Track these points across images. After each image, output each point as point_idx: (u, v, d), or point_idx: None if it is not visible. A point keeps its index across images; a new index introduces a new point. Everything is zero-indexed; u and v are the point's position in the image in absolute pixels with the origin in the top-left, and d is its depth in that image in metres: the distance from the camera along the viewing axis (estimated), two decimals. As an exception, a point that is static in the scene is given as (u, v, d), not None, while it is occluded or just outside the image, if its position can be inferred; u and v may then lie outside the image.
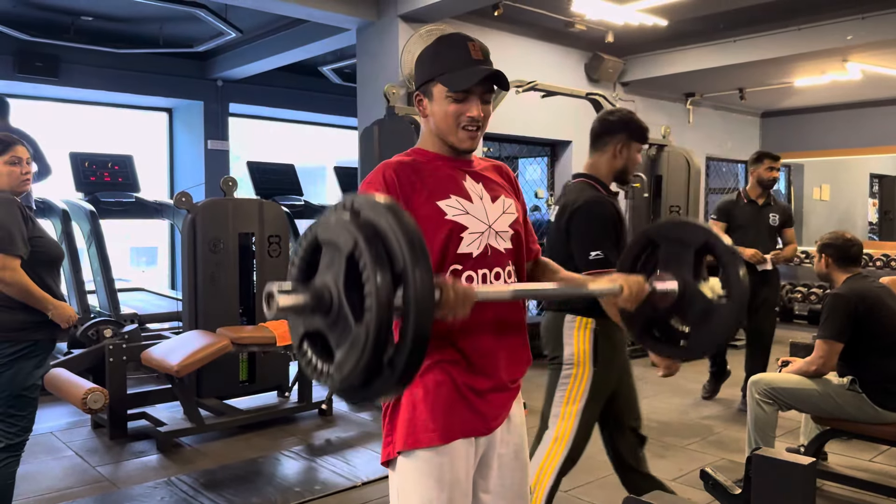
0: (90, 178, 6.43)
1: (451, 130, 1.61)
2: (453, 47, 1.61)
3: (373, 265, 1.15)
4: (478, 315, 1.53)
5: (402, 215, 1.21)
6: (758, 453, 1.43)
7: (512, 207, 1.69)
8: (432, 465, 1.55)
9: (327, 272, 1.23)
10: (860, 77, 6.81)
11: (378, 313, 1.14)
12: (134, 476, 3.71)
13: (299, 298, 1.21)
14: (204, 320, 4.53)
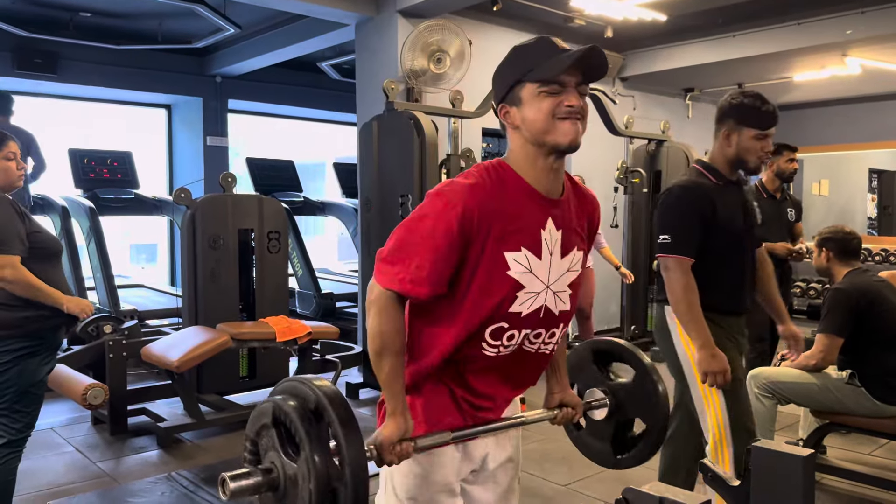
0: (89, 175, 6.43)
1: (549, 126, 1.41)
2: (536, 44, 1.45)
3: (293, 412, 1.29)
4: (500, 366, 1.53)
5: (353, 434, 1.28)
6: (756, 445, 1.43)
7: (578, 263, 1.55)
8: (422, 464, 1.55)
9: (279, 455, 1.34)
10: (860, 72, 6.81)
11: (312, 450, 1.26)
12: (134, 471, 3.71)
13: (250, 481, 1.33)
14: (204, 316, 4.54)
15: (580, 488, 3.43)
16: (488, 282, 1.43)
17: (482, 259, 1.42)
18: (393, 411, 1.44)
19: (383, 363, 1.45)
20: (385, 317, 1.44)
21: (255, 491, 1.34)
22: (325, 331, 4.66)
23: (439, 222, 1.39)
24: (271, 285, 4.90)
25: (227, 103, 8.49)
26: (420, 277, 1.40)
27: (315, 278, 7.29)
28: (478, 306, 1.44)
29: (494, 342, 1.49)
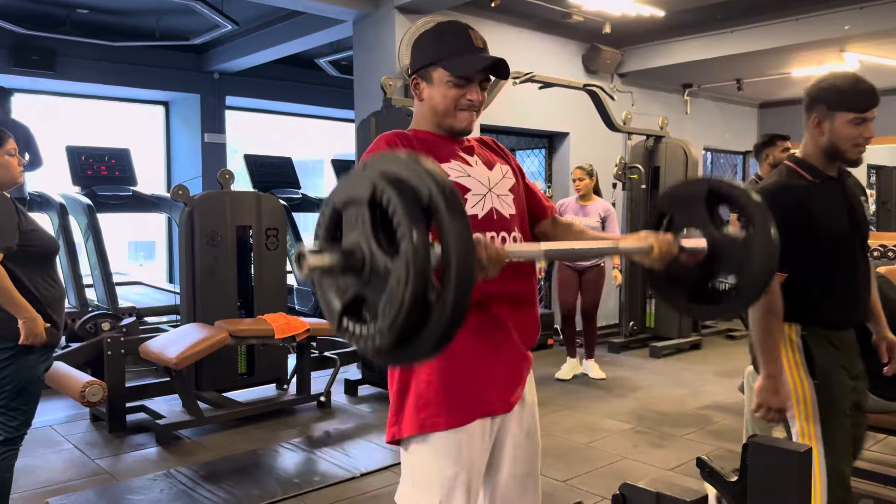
0: (87, 172, 6.42)
1: (450, 113, 1.64)
2: (454, 34, 1.64)
3: (397, 198, 1.10)
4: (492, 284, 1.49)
5: (421, 160, 1.15)
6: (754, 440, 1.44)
7: (509, 173, 1.72)
8: (450, 444, 1.56)
9: (351, 232, 1.18)
10: (858, 67, 6.80)
11: (411, 242, 1.09)
12: (133, 469, 3.71)
13: (332, 258, 1.17)
14: (202, 313, 4.54)
15: (578, 484, 3.43)
16: None
17: None
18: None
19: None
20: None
21: (333, 269, 1.18)
22: (323, 327, 4.66)
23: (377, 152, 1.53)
24: (270, 282, 4.89)
25: (225, 100, 8.47)
26: None
27: (314, 275, 7.28)
28: None
29: None
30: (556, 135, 7.16)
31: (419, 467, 1.58)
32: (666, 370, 5.85)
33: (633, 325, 6.81)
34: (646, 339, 6.74)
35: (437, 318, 1.11)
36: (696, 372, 5.81)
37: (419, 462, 1.58)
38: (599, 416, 4.58)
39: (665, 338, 6.64)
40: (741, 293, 1.58)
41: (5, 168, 2.72)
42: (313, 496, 3.34)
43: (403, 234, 1.10)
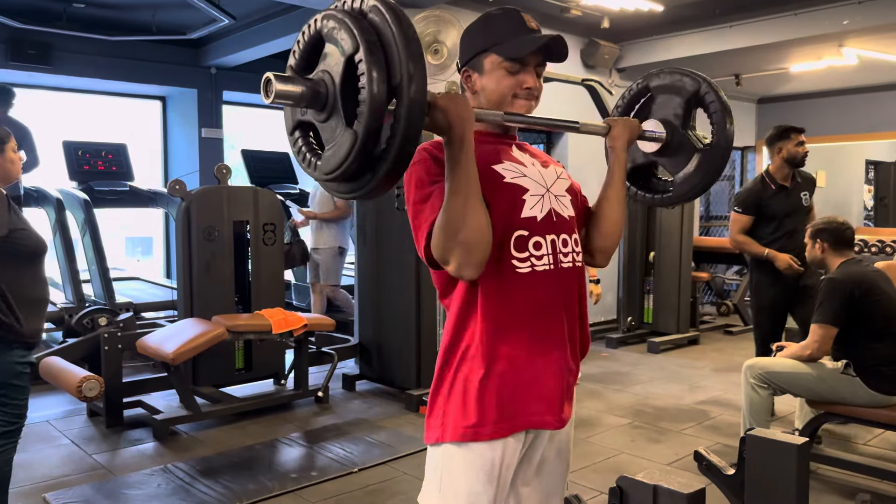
0: (84, 167, 6.39)
1: (507, 102, 1.53)
2: (505, 17, 1.55)
3: (370, 72, 1.16)
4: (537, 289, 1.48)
5: (406, 24, 1.20)
6: (751, 434, 1.43)
7: (564, 174, 1.64)
8: (485, 459, 1.47)
9: (327, 69, 1.23)
10: (856, 62, 6.80)
11: (368, 122, 1.17)
12: (130, 464, 3.71)
13: (296, 87, 1.22)
14: (199, 308, 4.53)
15: (576, 479, 3.43)
16: (492, 195, 1.44)
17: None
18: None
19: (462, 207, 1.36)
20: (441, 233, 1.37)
21: (298, 99, 1.25)
22: (321, 323, 4.65)
23: (419, 176, 1.44)
24: (267, 277, 4.88)
25: (222, 95, 8.45)
26: (436, 212, 1.39)
27: (311, 270, 7.27)
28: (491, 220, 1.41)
29: (521, 254, 1.46)
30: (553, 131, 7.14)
31: (449, 474, 1.49)
32: (664, 365, 5.86)
33: (630, 320, 6.81)
34: (643, 335, 6.74)
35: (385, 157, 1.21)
36: (693, 367, 5.81)
37: (450, 469, 1.49)
38: (597, 412, 4.58)
39: (663, 333, 6.64)
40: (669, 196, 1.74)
41: (10, 164, 2.71)
42: (311, 491, 3.34)
43: (364, 98, 1.17)
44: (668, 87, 1.75)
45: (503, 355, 1.46)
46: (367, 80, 1.16)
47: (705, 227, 9.38)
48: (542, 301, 1.48)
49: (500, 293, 1.45)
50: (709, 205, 9.66)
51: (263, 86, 1.20)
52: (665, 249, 6.72)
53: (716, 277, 8.73)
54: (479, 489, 1.47)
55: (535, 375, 1.48)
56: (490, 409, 1.45)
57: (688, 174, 1.69)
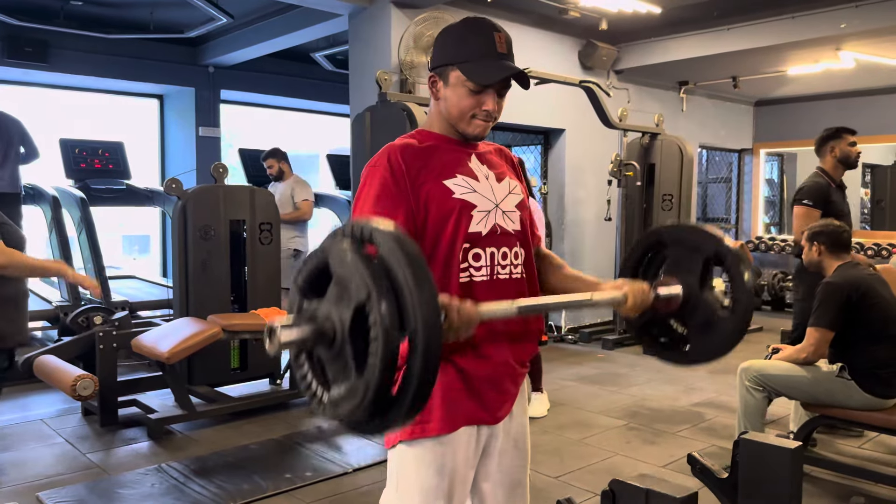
0: (80, 165, 6.38)
1: (464, 119, 1.58)
2: (478, 35, 1.57)
3: (382, 326, 1.10)
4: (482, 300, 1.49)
5: (419, 264, 1.14)
6: (745, 437, 1.43)
7: (518, 189, 1.68)
8: (434, 453, 1.54)
9: (334, 306, 1.18)
10: (853, 66, 6.81)
11: (380, 376, 1.10)
12: (125, 463, 3.70)
13: (301, 332, 1.17)
14: (195, 308, 4.52)
15: (570, 480, 3.43)
16: (440, 211, 1.52)
17: (423, 193, 1.53)
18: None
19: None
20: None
21: (308, 343, 1.19)
22: (316, 322, 4.64)
23: (373, 181, 1.53)
24: (263, 277, 4.88)
25: (220, 94, 8.44)
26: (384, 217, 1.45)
27: (308, 270, 7.27)
28: (439, 236, 1.52)
29: (463, 264, 1.54)
30: (552, 131, 7.15)
31: (403, 473, 1.57)
32: (659, 367, 5.86)
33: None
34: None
35: (402, 397, 1.13)
36: (689, 369, 5.81)
37: (404, 467, 1.57)
38: (592, 413, 4.58)
39: (659, 335, 6.63)
40: (690, 353, 1.65)
41: None
42: (305, 491, 3.34)
43: (375, 351, 1.10)
44: (683, 243, 1.68)
45: (451, 358, 1.54)
46: (378, 332, 1.10)
47: (702, 229, 9.38)
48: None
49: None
50: (705, 207, 9.67)
51: (267, 334, 1.16)
52: (662, 251, 6.72)
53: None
54: (432, 483, 1.54)
55: (475, 376, 1.56)
56: (435, 407, 1.53)
57: (707, 340, 1.62)
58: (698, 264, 1.62)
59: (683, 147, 6.66)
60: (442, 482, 1.54)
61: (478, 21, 1.61)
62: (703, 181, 9.52)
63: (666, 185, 6.70)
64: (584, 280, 1.72)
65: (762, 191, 9.82)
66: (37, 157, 5.85)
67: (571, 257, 7.13)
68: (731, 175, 9.80)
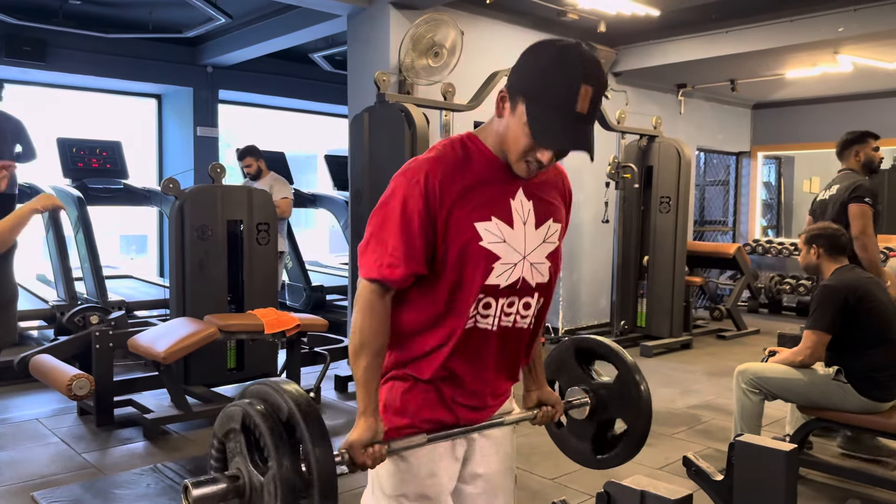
0: (78, 165, 6.38)
1: (515, 157, 1.44)
2: (565, 80, 1.36)
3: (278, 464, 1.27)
4: (481, 344, 1.52)
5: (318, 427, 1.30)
6: (740, 439, 1.43)
7: (555, 236, 1.56)
8: (409, 460, 1.54)
9: (246, 461, 1.33)
10: (851, 69, 6.82)
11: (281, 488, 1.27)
12: (120, 463, 3.69)
13: (216, 488, 1.32)
14: (192, 307, 4.51)
15: (567, 482, 3.43)
16: (462, 255, 1.44)
17: (452, 230, 1.43)
18: (364, 411, 1.45)
19: (360, 360, 1.46)
20: (368, 313, 1.46)
21: (220, 499, 1.33)
22: (313, 323, 4.64)
23: (406, 200, 1.42)
24: (260, 277, 4.87)
25: (218, 94, 8.44)
26: (397, 258, 1.42)
27: (305, 271, 7.27)
28: (458, 281, 1.45)
29: (472, 312, 1.49)
30: (550, 133, 7.14)
31: (383, 478, 1.57)
32: (656, 369, 5.86)
33: (624, 324, 6.82)
34: (637, 339, 6.74)
35: None
36: (686, 371, 5.82)
37: (383, 472, 1.56)
38: (589, 415, 4.57)
39: (656, 337, 6.65)
40: (631, 428, 1.83)
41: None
42: (301, 492, 3.32)
43: (268, 449, 1.28)
44: (556, 364, 1.91)
45: (426, 385, 1.53)
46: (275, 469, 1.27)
47: (699, 232, 9.40)
48: (479, 349, 1.53)
49: (440, 345, 1.50)
50: (703, 210, 9.68)
51: (183, 492, 1.31)
52: (659, 253, 6.73)
53: (709, 282, 8.75)
54: (411, 488, 1.54)
55: (453, 396, 1.54)
56: (414, 412, 1.53)
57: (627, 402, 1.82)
58: (576, 366, 1.86)
59: (681, 150, 6.66)
60: (415, 488, 1.54)
61: (574, 57, 1.37)
62: (700, 184, 9.53)
63: (664, 187, 6.71)
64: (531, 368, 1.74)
65: (759, 194, 9.83)
66: (34, 157, 5.84)
67: (569, 260, 7.13)
68: (728, 178, 9.81)
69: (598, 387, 1.83)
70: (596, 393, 1.83)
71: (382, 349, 1.48)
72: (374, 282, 1.46)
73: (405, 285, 1.47)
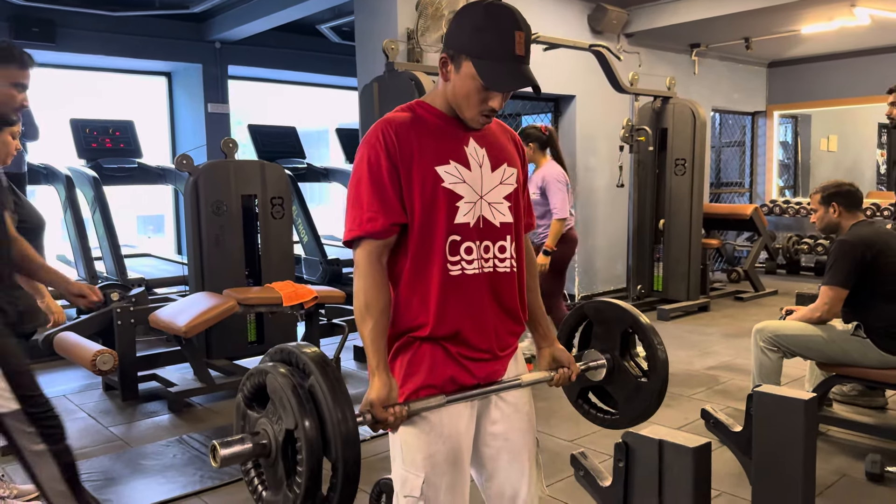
0: (92, 145, 6.41)
1: (468, 110, 1.56)
2: (499, 30, 1.50)
3: (308, 454, 1.31)
4: (473, 294, 1.57)
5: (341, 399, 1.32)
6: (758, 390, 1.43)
7: (512, 178, 1.65)
8: (431, 421, 1.56)
9: (270, 424, 1.38)
10: (869, 22, 6.67)
11: (305, 493, 1.31)
12: (147, 435, 3.77)
13: (241, 449, 1.36)
14: (210, 282, 4.55)
15: (585, 443, 3.46)
16: (428, 197, 1.53)
17: (415, 177, 1.53)
18: (377, 366, 1.49)
19: (367, 321, 1.51)
20: (365, 274, 1.53)
21: (247, 458, 1.38)
22: (331, 295, 4.67)
23: (370, 160, 1.53)
24: (276, 251, 4.90)
25: (228, 69, 8.41)
26: (374, 212, 1.51)
27: (321, 244, 7.30)
28: (428, 223, 1.54)
29: (454, 258, 1.56)
30: (562, 98, 7.08)
31: (406, 445, 1.59)
32: (674, 332, 5.86)
33: (640, 288, 6.81)
34: (654, 302, 6.74)
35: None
36: (703, 333, 5.81)
37: (406, 440, 1.59)
38: (607, 378, 4.59)
39: (673, 300, 6.63)
40: (618, 417, 1.86)
41: (3, 145, 2.67)
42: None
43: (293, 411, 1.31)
44: (604, 317, 1.88)
45: (429, 344, 1.57)
46: (305, 458, 1.31)
47: (715, 194, 9.31)
48: (472, 299, 1.58)
49: (434, 289, 1.56)
50: (719, 171, 9.58)
51: (210, 452, 1.35)
52: (675, 217, 6.69)
53: (726, 244, 8.69)
54: (434, 449, 1.56)
55: (470, 341, 1.59)
56: (424, 377, 1.56)
57: (631, 401, 1.83)
58: (618, 336, 1.84)
59: (696, 111, 6.58)
60: (444, 446, 1.56)
61: (501, 11, 1.52)
62: (716, 145, 9.42)
63: (679, 149, 6.64)
64: (538, 327, 1.78)
65: (776, 154, 9.70)
66: (36, 137, 5.85)
67: (584, 226, 7.10)
68: (744, 138, 9.68)
69: (621, 366, 1.86)
70: (615, 363, 1.85)
71: (387, 307, 1.54)
72: (359, 240, 1.53)
73: (389, 236, 1.54)
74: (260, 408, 1.43)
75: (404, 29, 5.41)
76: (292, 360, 1.40)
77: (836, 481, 3.04)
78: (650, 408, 1.81)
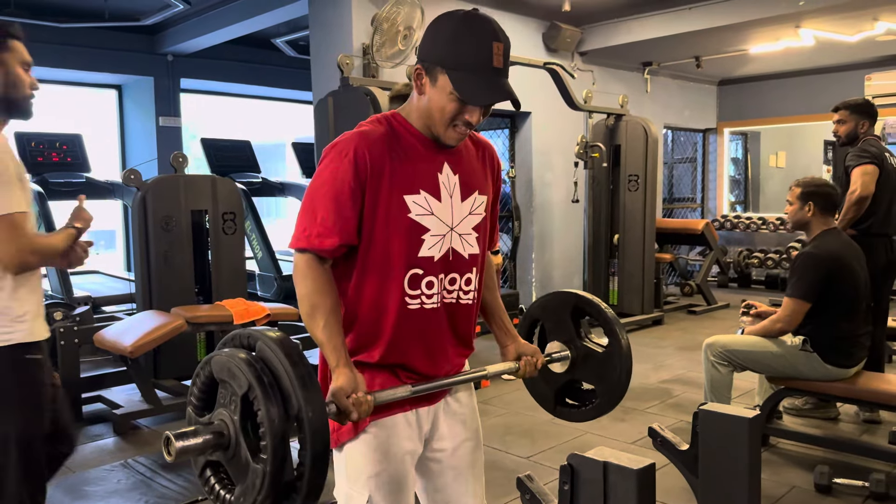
0: (38, 159, 6.22)
1: (443, 125, 1.48)
2: (477, 41, 1.43)
3: (266, 406, 1.20)
4: (428, 326, 1.54)
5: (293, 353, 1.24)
6: (704, 408, 1.44)
7: (481, 207, 1.59)
8: (378, 438, 1.54)
9: (225, 410, 1.28)
10: (813, 43, 6.89)
11: (273, 455, 1.20)
12: (90, 460, 3.63)
13: (198, 439, 1.26)
14: (158, 300, 4.44)
15: (541, 460, 3.45)
16: (392, 226, 1.47)
17: (381, 203, 1.46)
18: (337, 364, 1.43)
19: (317, 322, 1.45)
20: (307, 278, 1.46)
21: (204, 449, 1.27)
22: (284, 312, 4.59)
23: (335, 172, 1.45)
24: (228, 267, 4.80)
25: (180, 82, 8.27)
26: (326, 228, 1.44)
27: (275, 260, 7.19)
28: (388, 252, 1.48)
29: (414, 291, 1.51)
30: (519, 115, 7.14)
31: (352, 463, 1.55)
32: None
33: (596, 302, 6.86)
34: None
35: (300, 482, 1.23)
36: (658, 347, 5.88)
37: (351, 458, 1.55)
38: (563, 393, 4.60)
39: (627, 314, 6.70)
40: (600, 401, 1.83)
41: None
42: (275, 481, 3.30)
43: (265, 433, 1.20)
44: (550, 309, 1.87)
45: (384, 340, 1.53)
46: (264, 414, 1.20)
47: (668, 209, 9.48)
48: (427, 330, 1.54)
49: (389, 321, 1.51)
50: (671, 187, 9.76)
51: (164, 445, 1.25)
52: (629, 232, 6.78)
53: (679, 258, 8.84)
54: (380, 468, 1.53)
55: (413, 362, 1.55)
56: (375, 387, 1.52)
57: (606, 376, 1.80)
58: (569, 321, 1.83)
59: (648, 128, 6.69)
60: (390, 466, 1.54)
61: (479, 22, 1.45)
62: (668, 161, 9.60)
63: (632, 166, 6.74)
64: (500, 324, 1.76)
65: (727, 170, 9.93)
66: None
67: (540, 240, 7.15)
68: (696, 155, 9.89)
69: (582, 347, 1.83)
70: (577, 351, 1.82)
71: (336, 306, 1.48)
72: (304, 252, 1.47)
73: (336, 255, 1.48)
74: (219, 394, 1.32)
75: (360, 44, 5.39)
76: (253, 346, 1.30)
77: (786, 493, 3.08)
78: (624, 373, 1.78)
